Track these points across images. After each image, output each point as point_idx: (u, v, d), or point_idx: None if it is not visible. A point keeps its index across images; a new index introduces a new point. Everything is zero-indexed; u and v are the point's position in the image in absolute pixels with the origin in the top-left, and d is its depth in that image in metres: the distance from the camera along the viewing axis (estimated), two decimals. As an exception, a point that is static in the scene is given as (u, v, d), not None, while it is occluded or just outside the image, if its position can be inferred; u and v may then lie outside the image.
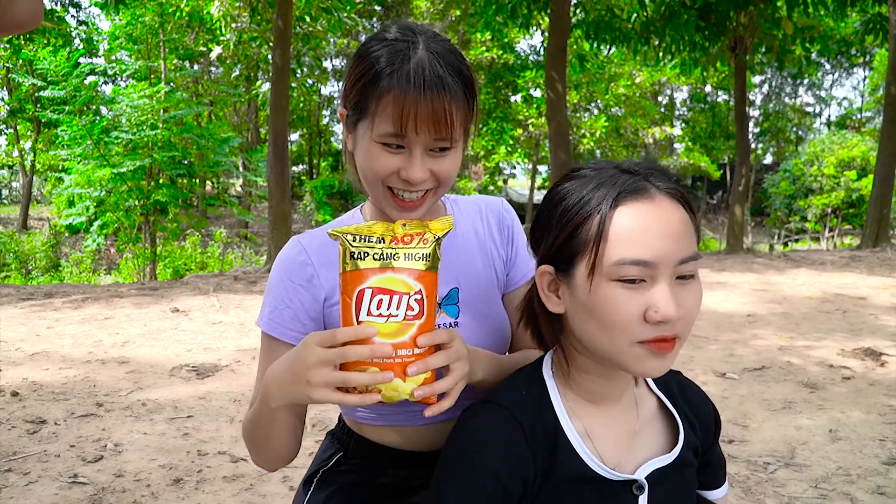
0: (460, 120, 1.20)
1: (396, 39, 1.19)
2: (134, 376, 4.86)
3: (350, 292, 1.07)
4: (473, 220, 1.47)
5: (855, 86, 57.35)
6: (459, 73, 1.19)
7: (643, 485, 1.13)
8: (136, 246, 13.39)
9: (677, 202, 1.07)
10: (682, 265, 1.04)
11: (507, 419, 1.11)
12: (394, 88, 1.14)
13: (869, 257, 11.89)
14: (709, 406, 1.30)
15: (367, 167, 1.23)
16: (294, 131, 35.48)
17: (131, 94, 12.97)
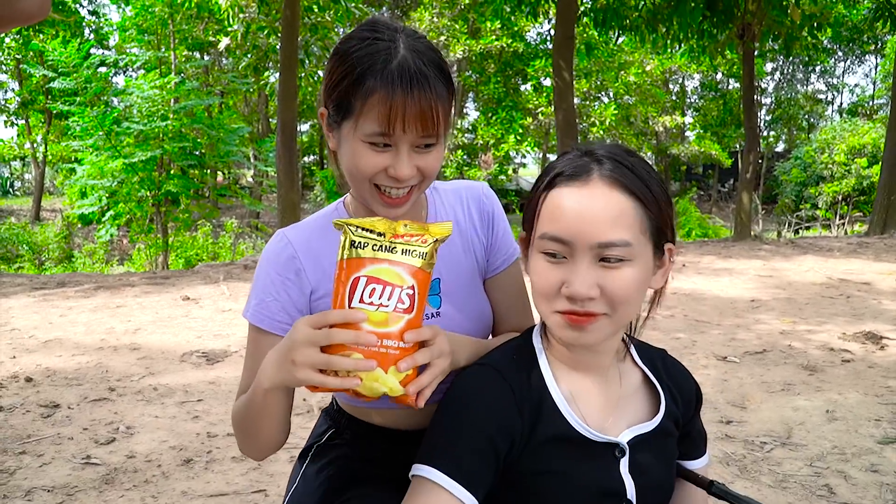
0: (444, 116, 1.22)
1: (377, 39, 1.21)
2: (145, 362, 4.97)
3: (345, 279, 1.10)
4: (454, 207, 1.49)
5: (867, 73, 56.81)
6: (440, 69, 1.22)
7: (624, 448, 1.19)
8: (149, 236, 13.51)
9: (618, 189, 1.11)
10: (603, 248, 1.09)
11: (498, 379, 1.17)
12: (379, 89, 1.16)
13: (876, 244, 11.87)
14: (690, 382, 1.37)
15: (354, 166, 1.25)
16: (304, 122, 35.51)
17: (142, 84, 13.05)
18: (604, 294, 1.10)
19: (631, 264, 1.10)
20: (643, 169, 1.14)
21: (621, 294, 1.10)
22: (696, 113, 36.02)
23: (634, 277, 1.10)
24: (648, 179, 1.14)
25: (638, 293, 1.13)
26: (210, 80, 21.37)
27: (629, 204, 1.10)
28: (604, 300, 1.10)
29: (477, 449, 1.11)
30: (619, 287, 1.10)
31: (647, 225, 1.11)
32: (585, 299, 1.09)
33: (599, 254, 1.09)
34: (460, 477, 1.09)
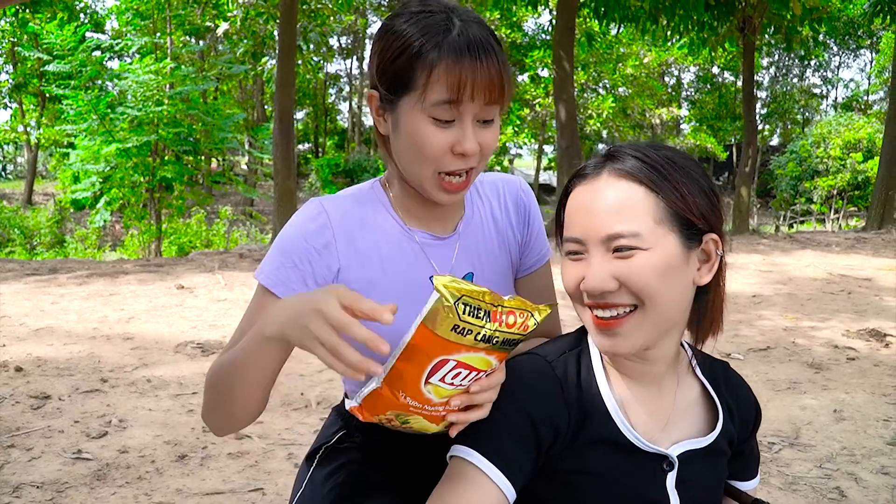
0: (508, 87, 1.20)
1: (430, 12, 1.18)
2: (139, 353, 4.87)
3: (431, 355, 0.99)
4: (491, 199, 1.45)
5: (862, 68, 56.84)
6: (498, 43, 1.20)
7: (673, 461, 1.14)
8: (142, 222, 13.39)
9: (626, 179, 1.09)
10: (612, 240, 1.07)
11: (546, 369, 1.14)
12: (445, 57, 1.14)
13: (874, 239, 11.84)
14: (751, 400, 1.31)
15: (416, 146, 1.20)
16: (300, 109, 35.40)
17: (137, 69, 12.90)
18: (623, 285, 1.06)
19: (645, 253, 1.06)
20: (665, 159, 1.10)
21: (640, 281, 1.05)
22: (692, 106, 36.06)
23: (652, 264, 1.05)
24: (668, 168, 1.09)
25: (664, 282, 1.06)
26: (206, 66, 21.20)
27: (638, 193, 1.07)
28: (626, 291, 1.07)
29: (520, 435, 1.08)
30: (636, 274, 1.05)
31: (664, 213, 1.07)
32: (601, 292, 1.07)
33: (611, 246, 1.07)
34: (500, 462, 1.06)
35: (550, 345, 1.23)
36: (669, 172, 1.08)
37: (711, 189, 1.13)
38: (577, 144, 11.84)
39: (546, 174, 33.32)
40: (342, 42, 33.98)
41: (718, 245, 1.12)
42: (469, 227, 1.39)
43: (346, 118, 38.62)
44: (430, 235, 1.35)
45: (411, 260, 1.33)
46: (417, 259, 1.33)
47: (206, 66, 20.85)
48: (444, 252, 1.36)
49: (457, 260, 1.36)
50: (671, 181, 1.08)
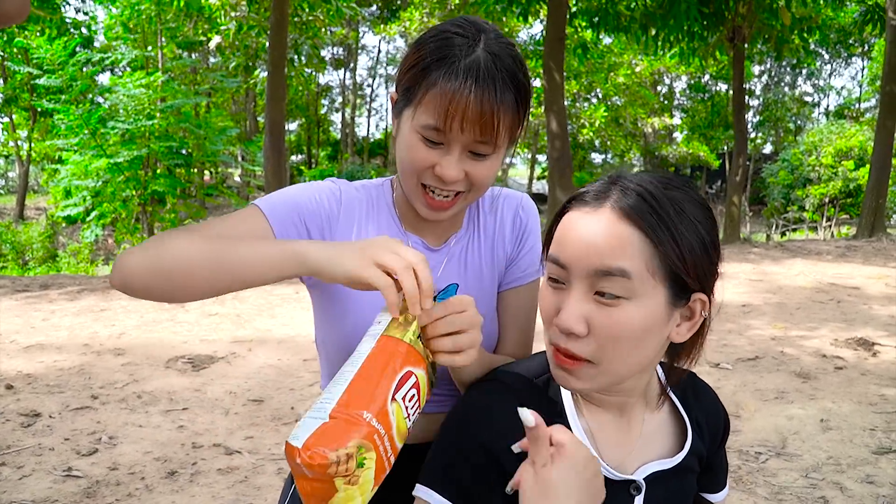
0: (507, 126, 1.17)
1: (457, 34, 1.17)
2: (129, 368, 4.87)
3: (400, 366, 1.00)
4: (488, 216, 1.45)
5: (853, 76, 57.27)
6: (514, 78, 1.17)
7: (641, 485, 1.13)
8: (134, 236, 13.37)
9: (627, 221, 1.01)
10: (598, 278, 1.00)
11: (509, 399, 1.10)
12: (442, 81, 1.13)
13: (865, 247, 11.90)
14: (720, 413, 1.29)
15: (405, 157, 1.22)
16: (293, 120, 35.43)
17: (128, 83, 12.92)
18: (592, 334, 1.01)
19: (630, 304, 1.00)
20: (674, 204, 1.03)
21: (611, 334, 1.00)
22: (684, 114, 36.18)
23: (631, 318, 1.00)
24: (675, 218, 1.02)
25: (635, 340, 1.01)
26: (197, 79, 21.22)
27: (636, 237, 1.00)
28: (592, 341, 1.01)
29: (479, 468, 1.05)
30: (610, 326, 1.00)
31: (658, 265, 1.00)
32: (570, 333, 1.01)
33: (595, 284, 1.00)
34: (459, 498, 1.04)
35: (515, 369, 1.20)
36: (675, 222, 1.01)
37: (714, 244, 1.06)
38: (567, 154, 11.89)
39: (539, 183, 33.37)
40: (334, 53, 34.10)
41: (705, 306, 1.06)
42: (461, 242, 1.41)
43: (338, 129, 38.69)
44: (422, 243, 1.37)
45: None
46: None
47: (198, 79, 20.89)
48: (433, 261, 1.37)
49: (443, 271, 1.38)
50: (673, 233, 1.01)
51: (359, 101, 38.29)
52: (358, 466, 0.89)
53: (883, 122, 13.86)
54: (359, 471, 0.89)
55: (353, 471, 0.88)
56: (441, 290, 1.36)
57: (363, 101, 39.64)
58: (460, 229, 1.42)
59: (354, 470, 0.88)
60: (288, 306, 6.96)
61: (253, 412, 4.09)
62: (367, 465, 0.90)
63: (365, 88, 40.09)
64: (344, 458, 0.87)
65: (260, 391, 4.48)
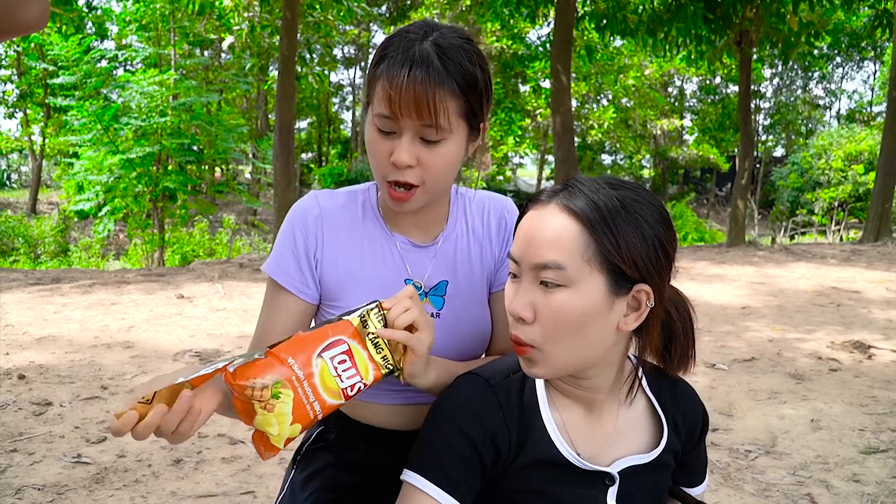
0: (448, 110, 1.23)
1: (410, 32, 1.27)
2: (138, 361, 5.00)
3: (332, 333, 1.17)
4: (475, 217, 1.51)
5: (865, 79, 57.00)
6: (458, 65, 1.24)
7: (614, 477, 1.19)
8: (145, 232, 13.51)
9: (566, 213, 1.10)
10: (539, 270, 1.10)
11: (487, 391, 1.18)
12: (386, 70, 1.23)
13: (869, 251, 11.92)
14: (698, 410, 1.33)
15: (368, 151, 1.31)
16: (303, 119, 35.54)
17: (141, 80, 13.04)
18: (537, 319, 1.11)
19: (569, 291, 1.08)
20: (617, 201, 1.10)
21: (552, 319, 1.09)
22: (695, 116, 36.05)
23: (568, 303, 1.08)
24: (615, 211, 1.09)
25: (575, 325, 1.09)
26: (209, 77, 21.36)
27: (573, 228, 1.08)
28: (537, 327, 1.11)
29: (463, 456, 1.13)
30: (550, 311, 1.09)
31: (594, 254, 1.07)
32: (519, 319, 1.12)
33: (538, 275, 1.10)
34: (447, 485, 1.12)
35: (494, 365, 1.26)
36: (613, 216, 1.08)
37: (660, 240, 1.11)
38: (573, 156, 11.96)
39: (548, 184, 33.33)
40: (345, 52, 34.22)
41: (650, 297, 1.12)
42: (449, 239, 1.47)
43: (349, 127, 38.81)
44: (409, 242, 1.44)
45: (389, 262, 1.42)
46: (395, 262, 1.42)
47: (210, 77, 21.02)
48: (422, 259, 1.44)
49: (433, 268, 1.44)
50: (611, 226, 1.07)
51: (369, 99, 38.25)
52: (273, 397, 1.08)
53: (890, 126, 13.86)
54: (273, 401, 1.08)
55: (267, 399, 1.08)
56: (431, 287, 1.42)
57: (374, 100, 39.61)
58: (447, 227, 1.48)
59: (269, 399, 1.08)
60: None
61: (257, 404, 4.20)
62: (283, 399, 1.09)
63: (376, 87, 40.06)
64: (259, 387, 1.08)
65: (264, 384, 4.57)
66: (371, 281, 1.41)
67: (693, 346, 1.27)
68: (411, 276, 1.43)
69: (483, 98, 1.31)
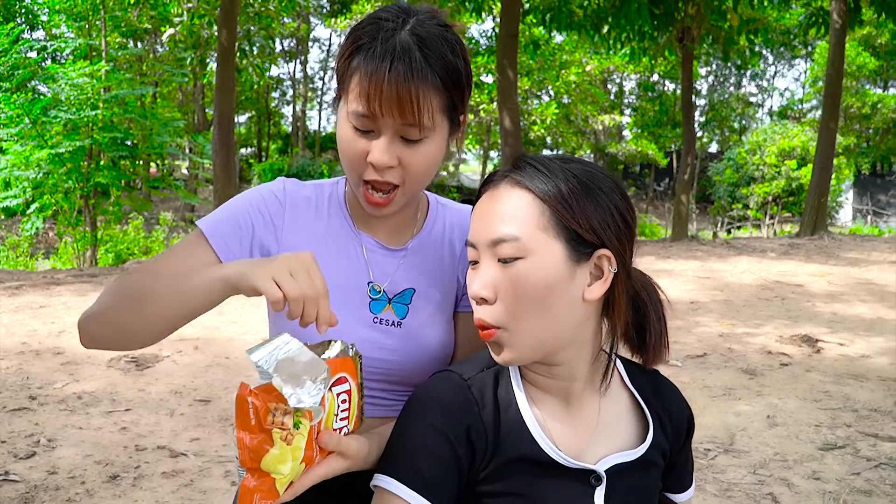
0: (432, 107, 1.14)
1: (385, 18, 1.15)
2: (70, 368, 4.71)
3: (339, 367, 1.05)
4: (454, 228, 1.41)
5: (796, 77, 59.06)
6: (440, 58, 1.14)
7: (601, 476, 1.11)
8: (76, 230, 12.99)
9: (517, 188, 1.08)
10: (495, 246, 1.06)
11: (462, 387, 1.11)
12: (363, 65, 1.11)
13: (807, 245, 12.23)
14: (684, 409, 1.27)
15: (341, 149, 1.21)
16: (242, 113, 34.91)
17: (71, 72, 12.52)
18: (499, 297, 1.06)
19: (525, 261, 1.05)
20: (567, 172, 1.08)
21: (513, 293, 1.04)
22: (633, 113, 36.69)
23: (528, 274, 1.04)
24: (565, 180, 1.07)
25: (538, 298, 1.04)
26: (143, 69, 20.71)
27: (524, 199, 1.06)
28: (500, 304, 1.06)
29: (438, 456, 1.05)
30: (511, 285, 1.04)
31: (549, 220, 1.05)
32: (479, 300, 1.07)
33: (496, 253, 1.06)
34: (421, 487, 1.04)
35: (468, 362, 1.20)
36: (568, 185, 1.06)
37: (616, 206, 1.09)
38: (521, 152, 11.95)
39: (491, 180, 33.49)
40: (285, 45, 33.66)
41: (611, 261, 1.08)
42: (421, 247, 1.37)
43: (289, 122, 38.25)
44: (377, 243, 1.34)
45: (353, 261, 1.32)
46: (358, 262, 1.32)
47: (144, 69, 20.41)
48: (388, 262, 1.34)
49: (398, 274, 1.34)
50: (564, 193, 1.06)
51: (310, 94, 37.87)
52: (294, 427, 0.93)
53: (826, 122, 14.26)
54: (294, 431, 0.93)
55: (289, 428, 0.92)
56: (396, 294, 1.33)
57: (314, 95, 39.19)
58: (421, 234, 1.38)
59: (290, 429, 0.93)
60: (236, 303, 6.82)
61: (199, 413, 3.99)
62: (301, 431, 0.94)
63: (316, 81, 39.63)
64: (282, 412, 0.92)
65: (207, 391, 4.37)
66: (331, 280, 1.27)
67: (667, 331, 1.20)
68: (373, 279, 1.32)
69: (465, 91, 1.22)
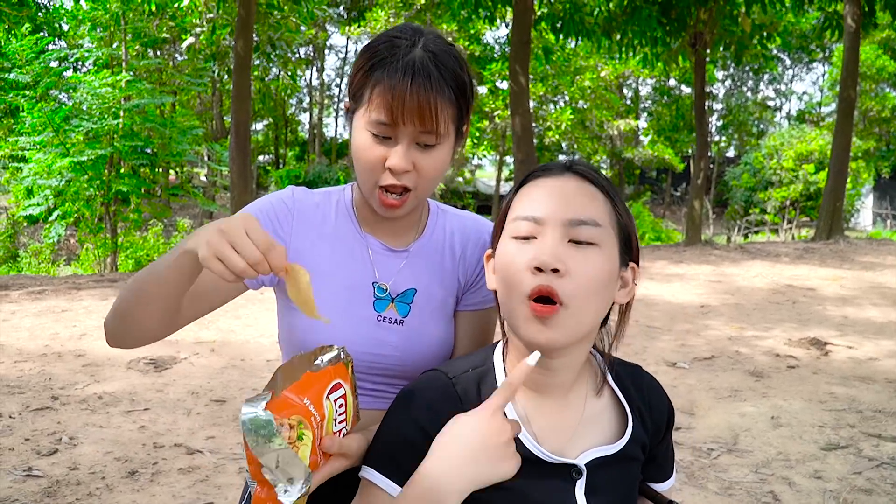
0: (447, 117, 1.26)
1: (399, 37, 1.27)
2: (90, 369, 4.85)
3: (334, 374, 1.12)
4: (454, 233, 1.49)
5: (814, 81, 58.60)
6: (452, 73, 1.26)
7: (581, 469, 1.15)
8: (97, 236, 13.18)
9: (591, 183, 1.15)
10: (574, 226, 1.09)
11: (447, 386, 1.17)
12: (384, 79, 1.22)
13: (822, 249, 12.18)
14: (664, 402, 1.32)
15: (359, 156, 1.29)
16: (260, 120, 35.14)
17: (93, 81, 12.73)
18: (569, 275, 1.07)
19: (599, 250, 1.10)
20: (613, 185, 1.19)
21: (586, 276, 1.08)
22: (650, 117, 36.54)
23: (601, 263, 1.09)
24: (616, 191, 1.18)
25: (601, 284, 1.09)
26: (163, 78, 20.96)
27: (601, 196, 1.14)
28: (571, 281, 1.07)
29: (416, 447, 1.10)
30: (586, 268, 1.08)
31: (615, 221, 1.14)
32: (551, 270, 1.06)
33: (570, 233, 1.09)
34: (397, 475, 1.09)
35: (457, 362, 1.25)
36: (617, 192, 1.17)
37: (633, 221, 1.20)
38: (533, 157, 12.00)
39: (507, 185, 33.49)
40: (302, 53, 33.91)
41: (636, 274, 1.17)
42: (423, 249, 1.45)
43: (306, 129, 38.47)
44: (382, 245, 1.42)
45: (359, 262, 1.41)
46: (364, 264, 1.41)
47: (164, 78, 20.64)
48: (391, 264, 1.42)
49: (401, 274, 1.42)
50: (621, 199, 1.16)
51: (326, 101, 38.10)
52: (298, 439, 0.97)
53: (840, 126, 14.20)
54: (298, 443, 0.98)
55: (294, 440, 0.97)
56: (399, 294, 1.40)
57: (331, 102, 39.45)
58: (422, 235, 1.46)
59: (296, 441, 0.97)
60: (252, 307, 6.95)
61: (215, 412, 4.10)
62: (305, 441, 0.99)
63: (333, 89, 39.92)
64: (287, 426, 0.97)
65: (223, 391, 4.49)
66: (338, 280, 1.39)
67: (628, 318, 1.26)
68: (378, 279, 1.41)
69: (470, 102, 1.34)
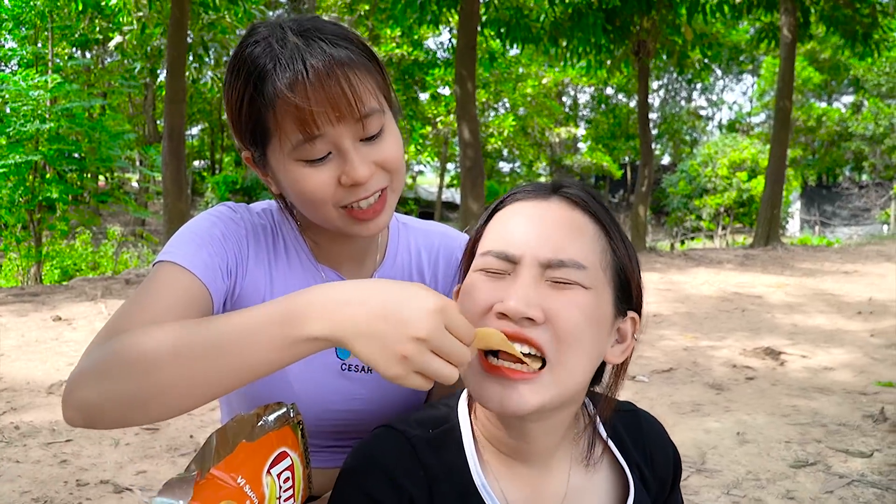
0: (371, 85, 1.02)
1: (257, 41, 1.00)
2: (7, 395, 4.45)
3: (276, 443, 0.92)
4: (420, 251, 1.30)
5: (744, 91, 60.58)
6: (343, 37, 1.01)
7: None
8: (20, 245, 12.56)
9: (580, 209, 0.95)
10: (553, 268, 0.89)
11: (406, 449, 0.96)
12: (279, 91, 0.96)
13: (761, 255, 12.38)
14: (667, 453, 1.14)
15: (302, 193, 1.03)
16: (195, 125, 34.38)
17: (18, 82, 12.13)
18: (549, 320, 0.87)
19: (585, 292, 0.90)
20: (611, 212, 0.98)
21: (571, 320, 0.88)
22: (588, 125, 37.12)
23: (587, 305, 0.89)
24: (616, 222, 0.97)
25: (588, 330, 0.89)
26: (91, 79, 20.22)
27: (590, 228, 0.93)
28: (549, 329, 0.87)
29: None
30: (568, 309, 0.88)
31: (611, 261, 0.93)
32: (521, 318, 0.87)
33: (548, 274, 0.89)
34: None
35: (417, 414, 1.04)
36: (617, 225, 0.97)
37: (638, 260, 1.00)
38: (480, 163, 11.89)
39: (449, 191, 33.49)
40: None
41: (636, 326, 0.99)
42: (387, 277, 1.25)
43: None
44: (339, 277, 1.21)
45: None
46: None
47: (93, 80, 19.92)
48: None
49: None
50: (620, 233, 0.96)
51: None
52: None
53: (777, 135, 14.52)
54: None
55: None
56: None
57: (269, 107, 38.90)
58: (385, 259, 1.26)
59: None
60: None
61: (146, 442, 3.76)
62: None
63: (271, 93, 39.36)
64: None
65: (155, 417, 4.15)
66: None
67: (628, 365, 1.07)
68: None
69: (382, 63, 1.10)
